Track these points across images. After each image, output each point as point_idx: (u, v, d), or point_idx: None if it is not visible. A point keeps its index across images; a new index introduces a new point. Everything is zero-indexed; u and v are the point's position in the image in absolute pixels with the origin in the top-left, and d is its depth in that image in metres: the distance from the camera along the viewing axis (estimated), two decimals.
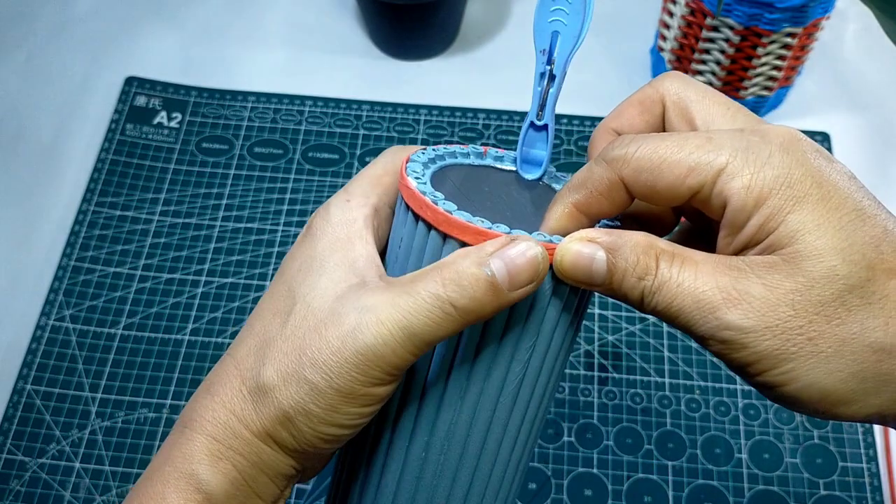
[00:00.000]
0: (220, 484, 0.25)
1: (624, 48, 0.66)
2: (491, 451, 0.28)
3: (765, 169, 0.23)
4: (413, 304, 0.24)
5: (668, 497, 0.48)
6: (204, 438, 0.26)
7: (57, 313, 0.54)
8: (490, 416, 0.27)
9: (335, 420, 0.25)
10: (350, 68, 0.66)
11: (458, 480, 0.28)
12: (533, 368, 0.26)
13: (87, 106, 0.63)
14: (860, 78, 0.65)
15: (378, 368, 0.24)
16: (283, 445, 0.26)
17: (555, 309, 0.25)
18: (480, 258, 0.23)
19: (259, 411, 0.26)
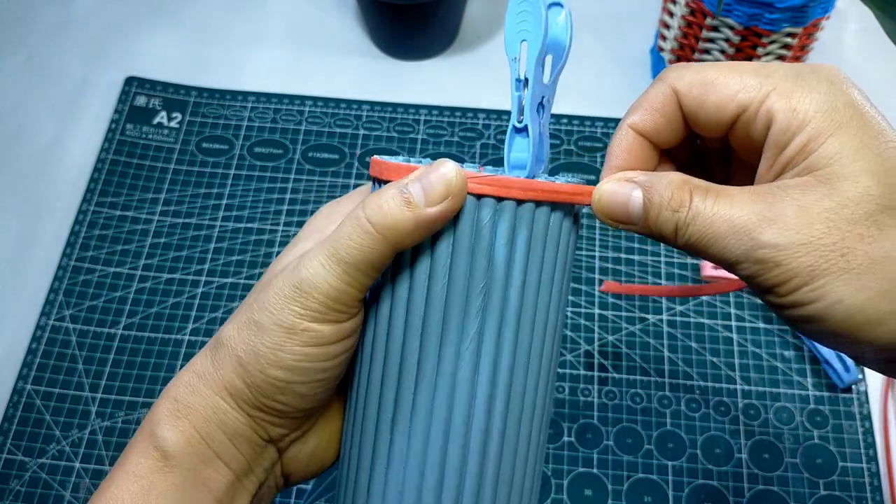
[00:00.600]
0: (176, 441, 0.26)
1: (624, 48, 0.66)
2: (474, 423, 0.27)
3: (812, 94, 0.24)
4: (339, 232, 0.25)
5: (668, 497, 0.48)
6: (167, 400, 0.27)
7: (57, 313, 0.54)
8: (459, 372, 0.26)
9: (281, 360, 0.25)
10: (350, 68, 0.66)
11: (435, 444, 0.27)
12: (493, 318, 0.26)
13: (87, 106, 0.63)
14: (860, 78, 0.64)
15: (315, 300, 0.25)
16: (238, 399, 0.26)
17: (505, 249, 0.26)
18: (400, 183, 0.25)
19: (216, 363, 0.27)
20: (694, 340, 0.53)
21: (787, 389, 0.51)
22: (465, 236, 0.26)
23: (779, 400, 0.51)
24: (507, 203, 0.26)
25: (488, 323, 0.26)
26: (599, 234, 0.57)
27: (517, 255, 0.26)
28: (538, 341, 0.28)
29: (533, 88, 0.27)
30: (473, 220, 0.26)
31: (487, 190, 0.25)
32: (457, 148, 0.61)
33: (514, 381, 0.27)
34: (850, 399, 0.51)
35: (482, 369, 0.27)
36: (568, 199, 0.26)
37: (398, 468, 0.27)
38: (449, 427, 0.27)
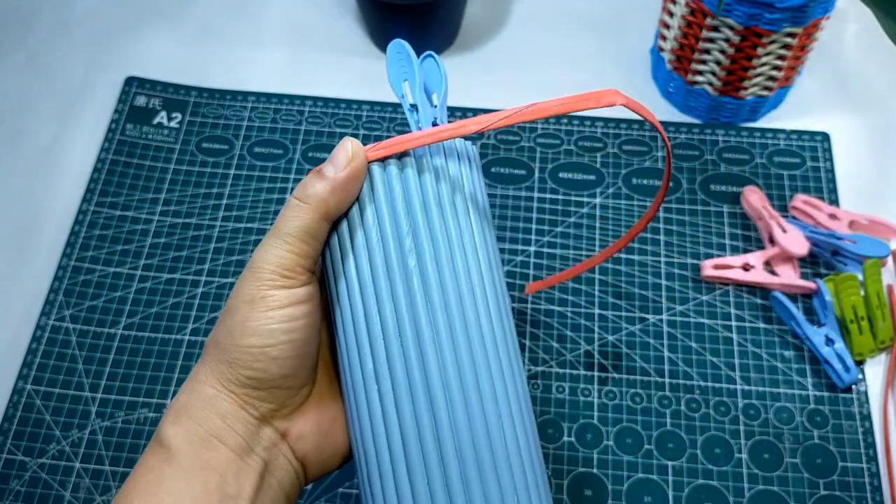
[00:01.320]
0: (176, 433, 0.29)
1: (624, 48, 0.67)
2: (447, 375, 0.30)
3: None
4: (278, 217, 0.30)
5: (668, 497, 0.48)
6: (170, 409, 0.30)
7: (57, 313, 0.54)
8: (414, 302, 0.30)
9: (249, 328, 0.29)
10: (350, 68, 0.66)
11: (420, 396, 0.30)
12: (427, 250, 0.30)
13: (87, 106, 0.63)
14: (860, 78, 0.65)
15: (266, 271, 0.29)
16: (224, 380, 0.30)
17: (417, 193, 0.31)
18: (317, 167, 0.31)
19: (203, 360, 0.31)
20: (694, 340, 0.53)
21: (787, 389, 0.51)
22: (381, 195, 0.31)
23: (779, 400, 0.51)
24: (406, 157, 0.31)
25: (424, 254, 0.30)
26: (599, 235, 0.57)
27: (427, 193, 0.31)
28: (474, 264, 0.31)
29: (423, 111, 0.34)
30: (383, 181, 0.31)
31: (383, 152, 0.31)
32: None
33: (465, 303, 0.30)
34: (850, 399, 0.51)
35: (432, 299, 0.30)
36: (450, 135, 0.30)
37: (391, 414, 0.30)
38: (423, 360, 0.30)
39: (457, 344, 0.30)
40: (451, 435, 0.29)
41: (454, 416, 0.29)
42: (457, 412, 0.29)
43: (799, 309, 0.54)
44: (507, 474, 0.29)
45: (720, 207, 0.58)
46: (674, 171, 0.60)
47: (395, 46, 0.35)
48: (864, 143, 0.61)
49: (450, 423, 0.29)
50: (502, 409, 0.30)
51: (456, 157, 0.32)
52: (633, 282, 0.55)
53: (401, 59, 0.35)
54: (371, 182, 0.31)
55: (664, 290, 0.55)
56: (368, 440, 0.30)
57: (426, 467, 0.29)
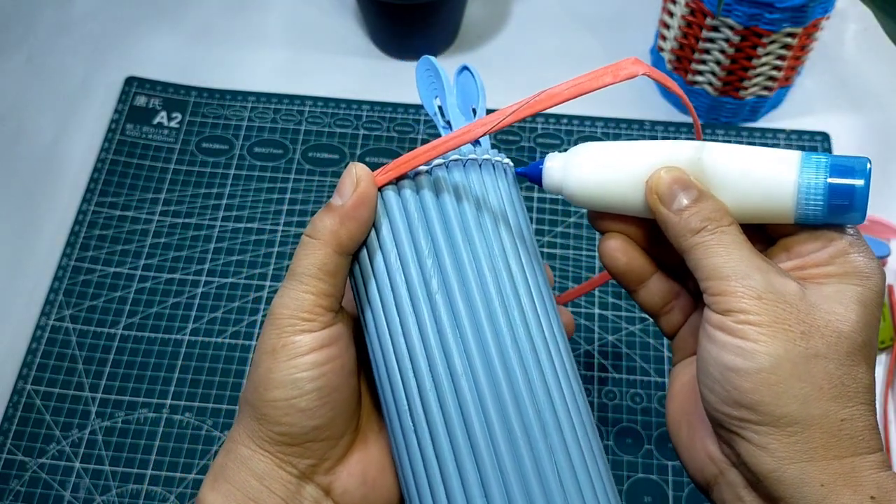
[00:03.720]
0: (214, 499, 0.28)
1: (624, 48, 0.66)
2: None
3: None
4: (292, 260, 0.29)
5: (668, 497, 0.48)
6: (209, 473, 0.29)
7: (57, 313, 0.54)
8: (441, 332, 0.28)
9: (272, 380, 0.27)
10: (350, 68, 0.66)
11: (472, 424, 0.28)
12: (451, 272, 0.28)
13: (87, 106, 0.63)
14: (860, 78, 0.65)
15: (285, 317, 0.28)
16: (257, 439, 0.28)
17: (435, 212, 0.29)
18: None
19: (237, 420, 0.29)
20: None
21: None
22: (398, 220, 0.29)
23: None
24: (421, 178, 0.29)
25: (448, 276, 0.28)
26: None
27: (447, 212, 0.29)
28: (506, 277, 0.29)
29: (457, 127, 0.32)
30: (398, 204, 0.29)
31: (393, 173, 0.29)
32: None
33: (498, 324, 0.28)
34: None
35: (461, 325, 0.28)
36: (460, 141, 0.28)
37: (430, 458, 0.28)
38: (456, 392, 0.27)
39: (493, 371, 0.27)
40: (496, 472, 0.27)
41: (497, 453, 0.27)
42: (498, 447, 0.27)
43: None
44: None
45: None
46: None
47: (424, 63, 0.34)
48: (864, 143, 0.61)
49: (492, 461, 0.27)
50: (554, 440, 0.27)
51: (479, 171, 0.30)
52: None
53: (430, 76, 0.33)
54: (385, 206, 0.29)
55: None
56: (410, 482, 0.28)
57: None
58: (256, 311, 0.54)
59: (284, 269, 0.56)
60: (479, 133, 0.28)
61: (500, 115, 0.28)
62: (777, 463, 0.25)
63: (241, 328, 0.53)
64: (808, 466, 0.24)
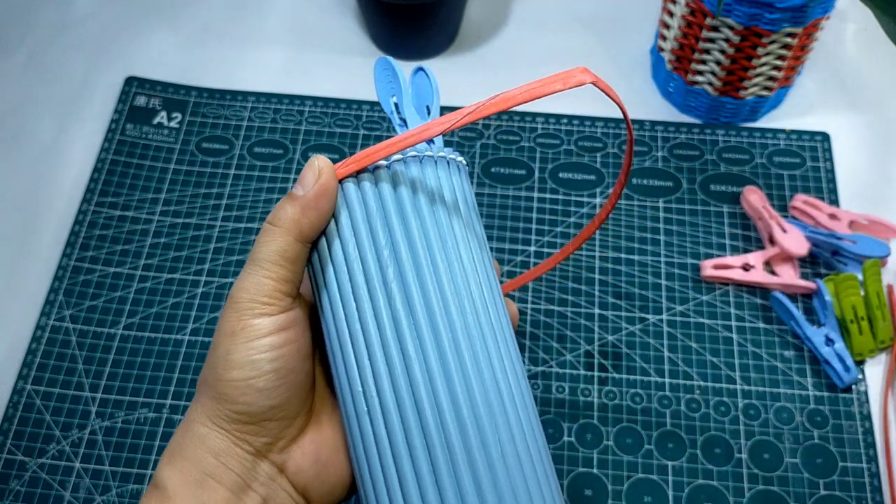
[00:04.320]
0: (171, 475, 0.29)
1: (624, 48, 0.66)
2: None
3: None
4: (254, 246, 0.30)
5: (668, 497, 0.48)
6: (166, 451, 0.30)
7: (57, 313, 0.54)
8: (396, 316, 0.29)
9: (231, 361, 0.28)
10: (350, 68, 0.66)
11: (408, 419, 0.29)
12: (406, 261, 0.30)
13: (87, 106, 0.63)
14: (860, 78, 0.65)
15: (244, 301, 0.29)
16: (214, 417, 0.29)
17: (393, 204, 0.30)
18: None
19: (195, 400, 0.30)
20: (694, 340, 0.53)
21: (787, 389, 0.51)
22: (357, 211, 0.30)
23: (779, 400, 0.51)
24: (380, 172, 0.30)
25: (404, 265, 0.29)
26: (599, 235, 0.57)
27: (404, 205, 0.30)
28: (459, 272, 0.30)
29: (412, 125, 0.33)
30: (357, 196, 0.30)
31: (353, 167, 0.30)
32: (456, 147, 0.61)
33: (451, 311, 0.29)
34: (850, 399, 0.51)
35: (416, 315, 0.29)
36: (417, 139, 0.29)
37: (382, 437, 0.29)
38: (410, 377, 0.29)
39: (444, 357, 0.29)
40: (445, 454, 0.28)
41: (446, 435, 0.28)
42: (448, 430, 0.28)
43: (799, 309, 0.54)
44: (508, 491, 0.28)
45: (720, 207, 0.58)
46: (673, 171, 0.60)
47: (382, 63, 0.35)
48: (864, 143, 0.61)
49: (441, 444, 0.28)
50: (500, 424, 0.29)
51: (435, 167, 0.32)
52: (633, 282, 0.55)
53: (388, 76, 0.35)
54: (345, 198, 0.30)
55: (664, 290, 0.55)
56: (363, 463, 0.29)
57: (420, 488, 0.28)
58: None
59: None
60: (437, 132, 0.29)
61: (457, 115, 0.29)
62: None
63: None
64: None
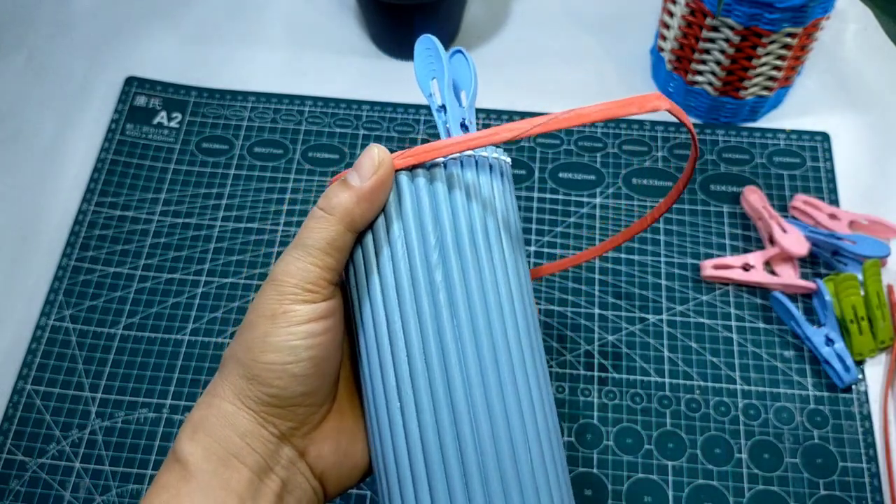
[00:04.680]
0: (193, 450, 0.28)
1: (624, 48, 0.66)
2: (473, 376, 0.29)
3: None
4: (301, 229, 0.29)
5: (668, 497, 0.48)
6: (186, 423, 0.30)
7: (57, 313, 0.54)
8: (440, 320, 0.29)
9: (270, 344, 0.28)
10: (350, 68, 0.66)
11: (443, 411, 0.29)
12: (453, 263, 0.29)
13: (87, 106, 0.63)
14: (860, 78, 0.65)
15: (288, 284, 0.28)
16: (243, 397, 0.29)
17: (445, 204, 0.30)
18: (342, 176, 0.29)
19: (221, 375, 0.30)
20: (694, 340, 0.53)
21: (787, 389, 0.51)
22: (408, 207, 0.29)
23: (779, 400, 0.51)
24: (435, 167, 0.30)
25: (451, 269, 0.29)
26: (599, 235, 0.57)
27: (456, 205, 0.30)
28: (503, 282, 0.30)
29: (451, 112, 0.32)
30: (410, 191, 0.30)
31: (412, 160, 0.29)
32: None
33: (492, 317, 0.30)
34: (850, 399, 0.51)
35: (458, 315, 0.29)
36: (480, 143, 0.29)
37: (413, 431, 0.29)
38: (447, 378, 0.29)
39: (482, 361, 0.29)
40: (475, 453, 0.28)
41: (478, 435, 0.28)
42: (481, 430, 0.29)
43: (799, 309, 0.54)
44: (531, 492, 0.29)
45: (720, 207, 0.58)
46: (673, 171, 0.60)
47: (424, 42, 0.33)
48: (864, 143, 0.61)
49: (474, 442, 0.28)
50: (528, 427, 0.29)
51: (488, 171, 0.31)
52: (633, 282, 0.55)
53: (429, 56, 0.33)
54: (398, 193, 0.30)
55: (664, 290, 0.55)
56: (390, 457, 0.30)
57: (448, 485, 0.28)
58: None
59: None
60: (506, 137, 0.28)
61: (527, 124, 0.28)
62: None
63: None
64: None
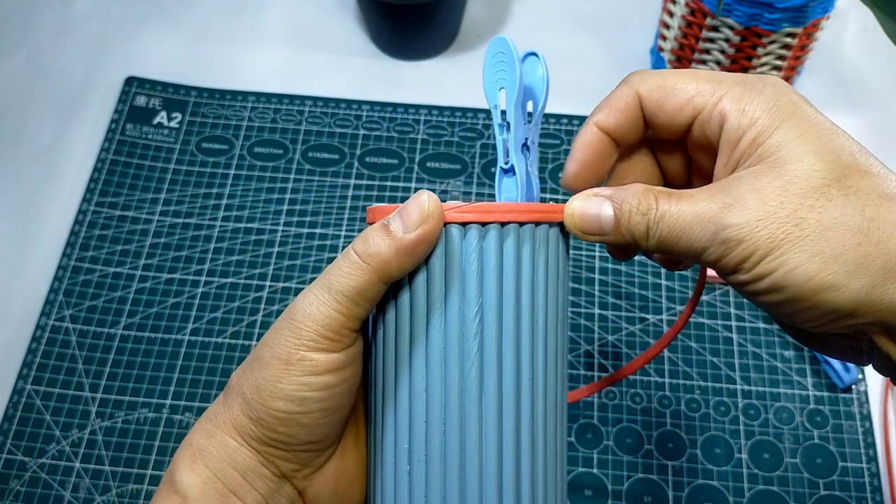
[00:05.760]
0: (192, 483, 0.27)
1: (624, 48, 0.66)
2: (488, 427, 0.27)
3: (758, 97, 0.26)
4: (331, 267, 0.27)
5: (668, 497, 0.48)
6: (185, 448, 0.28)
7: (57, 313, 0.54)
8: (465, 394, 0.27)
9: (281, 391, 0.26)
10: (350, 68, 0.66)
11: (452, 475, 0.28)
12: (491, 337, 0.27)
13: (87, 106, 0.63)
14: (860, 78, 0.65)
15: (308, 329, 0.26)
16: (246, 436, 0.28)
17: (494, 272, 0.27)
18: (385, 217, 0.27)
19: (225, 405, 0.28)
20: (694, 340, 0.53)
21: (787, 389, 0.51)
22: (455, 265, 0.27)
23: (779, 400, 0.51)
24: (490, 229, 0.27)
25: (487, 344, 0.27)
26: None
27: (506, 277, 0.27)
28: (541, 360, 0.28)
29: (515, 132, 0.29)
30: (460, 249, 0.27)
31: (469, 217, 0.27)
32: (456, 148, 0.61)
33: (521, 398, 0.28)
34: (850, 399, 0.51)
35: (487, 390, 0.27)
36: (542, 217, 0.27)
37: (418, 499, 0.28)
38: (463, 452, 0.27)
39: (503, 443, 0.27)
40: None
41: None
42: None
43: None
44: None
45: None
46: None
47: (498, 45, 0.29)
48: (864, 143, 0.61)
49: None
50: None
51: (544, 236, 0.28)
52: (633, 282, 0.55)
53: (501, 61, 0.29)
54: (445, 248, 0.27)
55: (664, 290, 0.55)
56: None
57: None
58: (256, 311, 0.54)
59: (285, 269, 0.56)
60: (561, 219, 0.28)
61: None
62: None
63: (241, 328, 0.53)
64: None
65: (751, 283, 0.25)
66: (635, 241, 0.27)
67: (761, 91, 0.26)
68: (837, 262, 0.24)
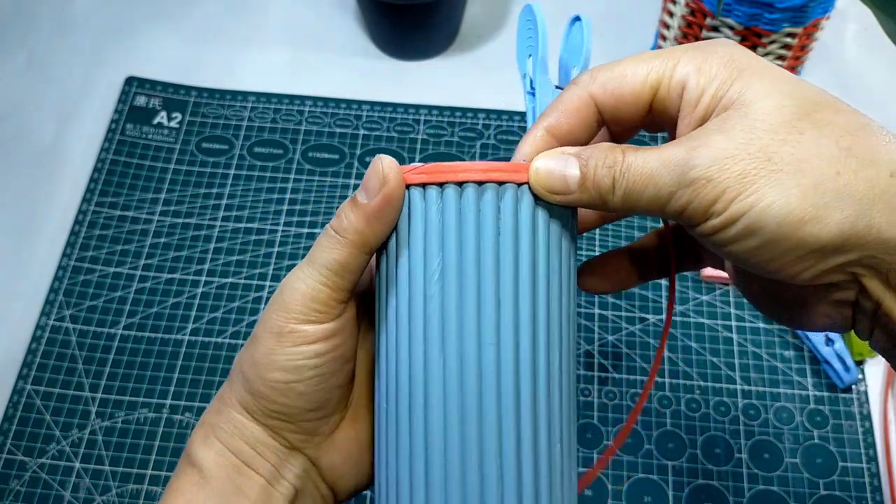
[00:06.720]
0: (207, 455, 0.29)
1: (624, 48, 0.66)
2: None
3: (713, 55, 0.26)
4: (314, 246, 0.28)
5: (668, 497, 0.48)
6: (199, 426, 0.30)
7: (57, 313, 0.54)
8: (427, 326, 0.27)
9: (275, 362, 0.28)
10: (350, 68, 0.66)
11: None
12: (451, 298, 0.27)
13: (87, 106, 0.63)
14: (860, 78, 0.65)
15: (296, 302, 0.27)
16: (251, 410, 0.29)
17: (454, 232, 0.27)
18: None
19: (230, 384, 0.30)
20: (694, 340, 0.53)
21: (787, 389, 0.51)
22: (417, 227, 0.27)
23: (779, 400, 0.51)
24: (447, 188, 0.27)
25: (447, 309, 0.27)
26: (599, 234, 0.57)
27: (465, 235, 0.27)
28: (527, 306, 0.28)
29: (540, 99, 0.29)
30: (422, 210, 0.27)
31: (424, 178, 0.27)
32: (457, 148, 0.61)
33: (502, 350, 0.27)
34: (850, 399, 0.51)
35: (448, 329, 0.27)
36: (502, 177, 0.26)
37: (419, 465, 0.27)
38: (464, 412, 0.27)
39: (503, 392, 0.27)
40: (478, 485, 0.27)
41: (484, 471, 0.27)
42: (488, 467, 0.27)
43: None
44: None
45: None
46: None
47: (526, 13, 0.29)
48: None
49: (479, 478, 0.27)
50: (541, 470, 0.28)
51: (514, 200, 0.27)
52: None
53: (529, 28, 0.29)
54: (409, 210, 0.27)
55: (664, 290, 0.55)
56: (392, 482, 0.28)
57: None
58: (256, 311, 0.54)
59: (285, 269, 0.56)
60: (523, 179, 0.27)
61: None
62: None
63: (241, 328, 0.53)
64: None
65: (723, 228, 0.24)
66: (601, 196, 0.26)
67: (714, 51, 0.26)
68: (817, 193, 0.22)
